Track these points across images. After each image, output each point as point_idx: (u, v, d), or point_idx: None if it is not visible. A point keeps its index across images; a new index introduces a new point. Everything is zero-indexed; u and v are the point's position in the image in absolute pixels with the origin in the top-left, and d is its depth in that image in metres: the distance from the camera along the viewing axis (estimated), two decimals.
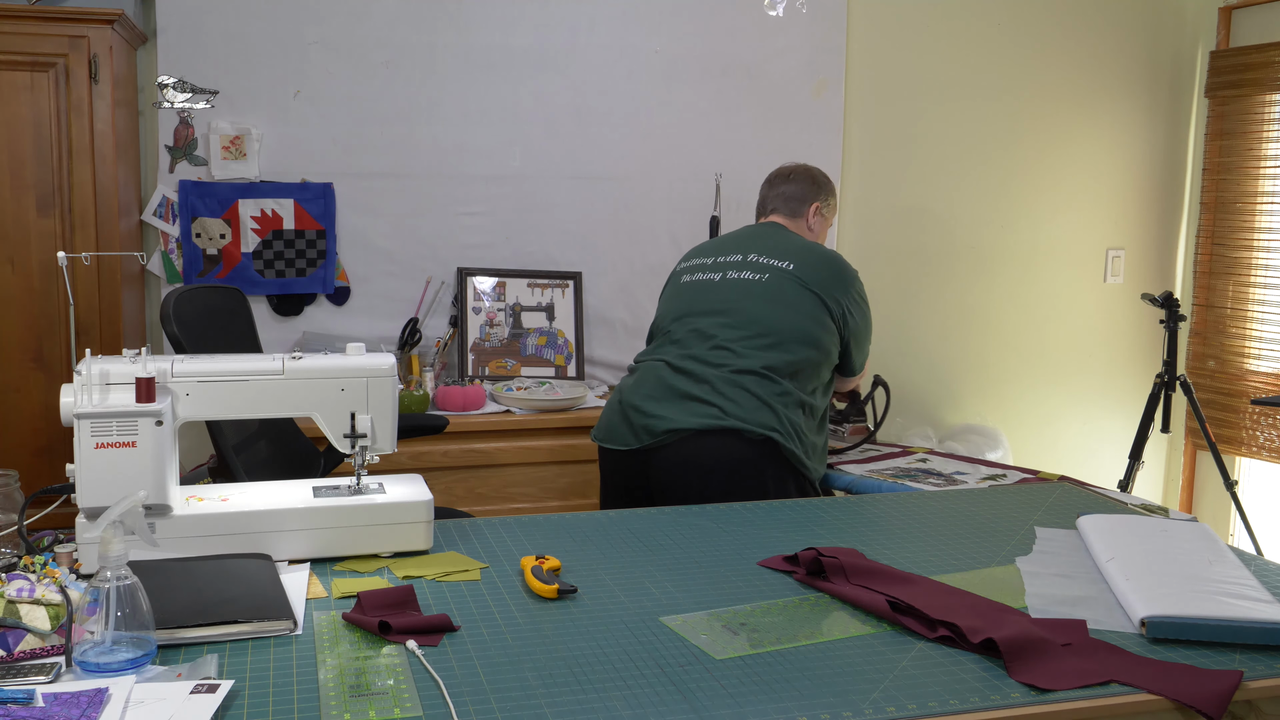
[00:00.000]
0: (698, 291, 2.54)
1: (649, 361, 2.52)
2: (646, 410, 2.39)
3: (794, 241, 2.56)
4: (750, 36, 3.67)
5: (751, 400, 2.34)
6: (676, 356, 2.45)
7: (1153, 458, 4.26)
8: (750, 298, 2.46)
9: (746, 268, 2.51)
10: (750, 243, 2.57)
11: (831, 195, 2.74)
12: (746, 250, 2.55)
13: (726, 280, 2.51)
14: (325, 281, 3.39)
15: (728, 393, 2.35)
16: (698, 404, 2.36)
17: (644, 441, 2.38)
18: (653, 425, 2.37)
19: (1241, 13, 4.01)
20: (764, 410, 2.34)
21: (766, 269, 2.49)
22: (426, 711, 1.19)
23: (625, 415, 2.45)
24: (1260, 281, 3.96)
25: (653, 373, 2.46)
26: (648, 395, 2.42)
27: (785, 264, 2.48)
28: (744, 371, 2.37)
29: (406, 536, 1.69)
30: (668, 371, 2.43)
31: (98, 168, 2.88)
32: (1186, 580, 1.54)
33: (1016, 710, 1.23)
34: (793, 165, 2.78)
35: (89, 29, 2.83)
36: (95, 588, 1.27)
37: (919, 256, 3.95)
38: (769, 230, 2.63)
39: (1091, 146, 4.09)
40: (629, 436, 2.42)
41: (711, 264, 2.58)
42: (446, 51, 3.43)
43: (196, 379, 1.65)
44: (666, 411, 2.37)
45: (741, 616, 1.48)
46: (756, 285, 2.47)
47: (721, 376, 2.37)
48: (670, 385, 2.40)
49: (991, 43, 3.93)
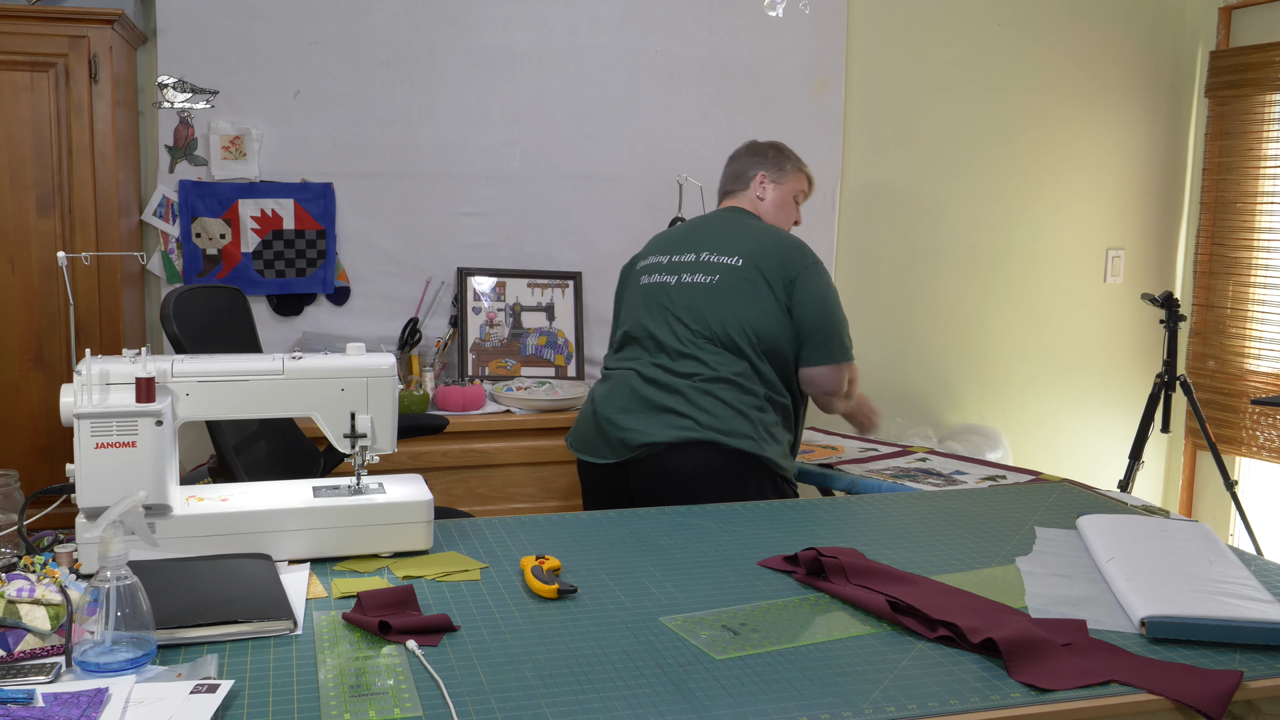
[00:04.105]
0: (655, 295, 2.49)
1: (620, 370, 2.49)
2: (620, 424, 2.37)
3: (746, 230, 2.49)
4: (750, 36, 3.67)
5: (725, 409, 2.32)
6: (646, 365, 2.42)
7: (1153, 458, 4.26)
8: (706, 301, 2.40)
9: (699, 269, 2.45)
10: (703, 238, 2.51)
11: (786, 162, 2.63)
12: (699, 248, 2.49)
13: (681, 284, 2.46)
14: (325, 281, 3.39)
15: (701, 402, 2.33)
16: (672, 415, 2.33)
17: (621, 455, 2.37)
18: (628, 439, 2.35)
19: (1241, 13, 4.01)
20: (739, 419, 2.32)
21: (717, 269, 2.43)
22: (426, 711, 1.19)
23: (600, 427, 2.43)
24: (1260, 281, 3.96)
25: (625, 383, 2.43)
26: (621, 407, 2.40)
27: (734, 260, 2.42)
28: (714, 380, 2.34)
29: (406, 536, 1.70)
30: (639, 382, 2.41)
31: (98, 168, 2.88)
32: (1186, 580, 1.54)
33: (1016, 710, 1.23)
34: (745, 143, 2.70)
35: (89, 29, 2.83)
36: (95, 588, 1.27)
37: (919, 256, 3.95)
38: (723, 220, 2.56)
39: (1091, 146, 4.09)
40: (605, 450, 2.41)
41: (667, 263, 2.52)
42: (446, 51, 3.43)
43: (196, 379, 1.65)
44: (640, 425, 2.35)
45: (741, 616, 1.48)
46: (709, 289, 2.41)
47: (693, 386, 2.34)
48: (643, 396, 2.38)
49: (991, 43, 3.93)
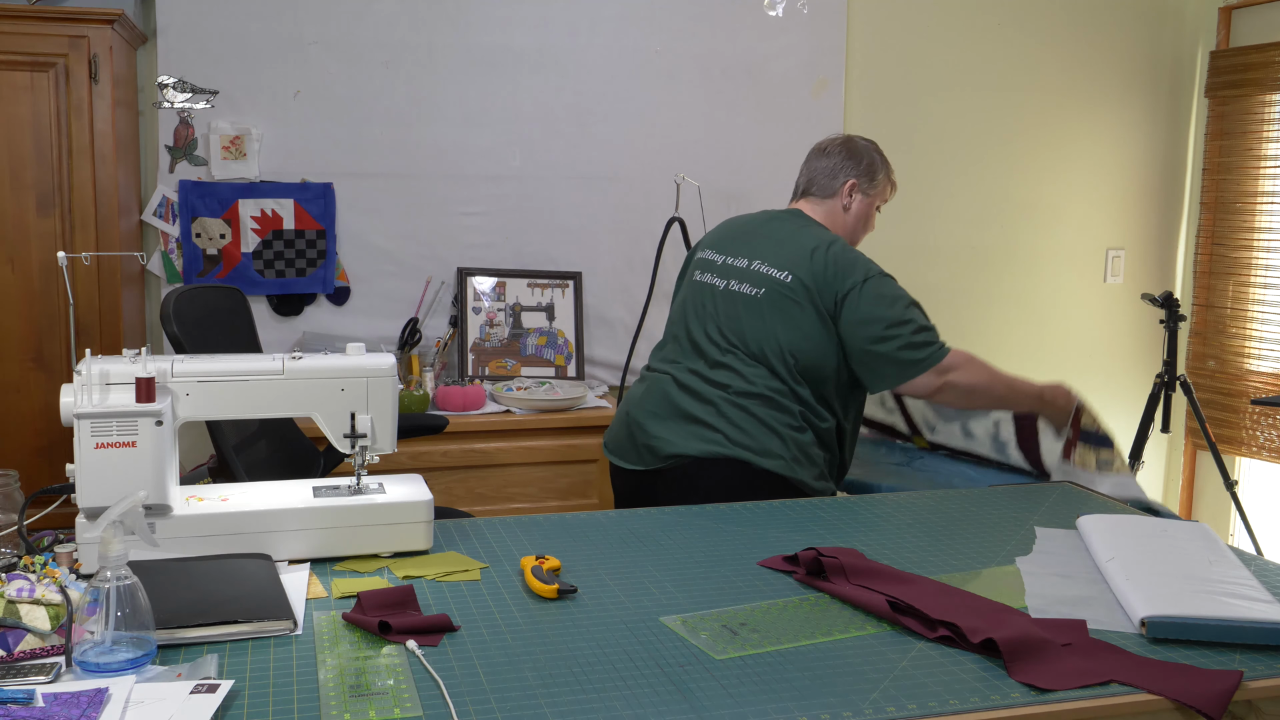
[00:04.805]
0: (703, 296, 2.43)
1: (657, 373, 2.45)
2: (650, 430, 2.35)
3: (806, 242, 2.35)
4: (750, 36, 3.67)
5: (758, 426, 2.26)
6: (683, 371, 2.38)
7: (1153, 458, 4.25)
8: (749, 314, 2.32)
9: (746, 279, 2.37)
10: (759, 244, 2.40)
11: (879, 172, 2.48)
12: (753, 254, 2.39)
13: (728, 291, 2.38)
14: (325, 281, 3.39)
15: (732, 416, 2.28)
16: (702, 428, 2.29)
17: (649, 464, 2.35)
18: (657, 447, 2.33)
19: (1241, 13, 4.01)
20: (771, 437, 2.26)
21: (764, 282, 2.33)
22: (426, 711, 1.19)
23: (630, 432, 2.41)
24: (1260, 281, 3.95)
25: (659, 387, 2.40)
26: (652, 413, 2.37)
27: (784, 275, 2.31)
28: (748, 395, 2.28)
29: (406, 536, 1.69)
30: (674, 388, 2.37)
31: (98, 168, 2.88)
32: (1186, 580, 1.54)
33: (1016, 710, 1.23)
34: (837, 137, 2.53)
35: (89, 29, 2.83)
36: (95, 588, 1.27)
37: (919, 256, 3.94)
38: (787, 227, 2.42)
39: (1091, 146, 4.09)
40: (634, 455, 2.39)
41: (720, 264, 2.44)
42: (446, 51, 3.43)
43: (196, 379, 1.65)
44: (670, 434, 2.32)
45: (741, 616, 1.48)
46: (754, 302, 2.33)
47: (725, 399, 2.29)
48: (675, 404, 2.35)
49: (991, 43, 3.93)
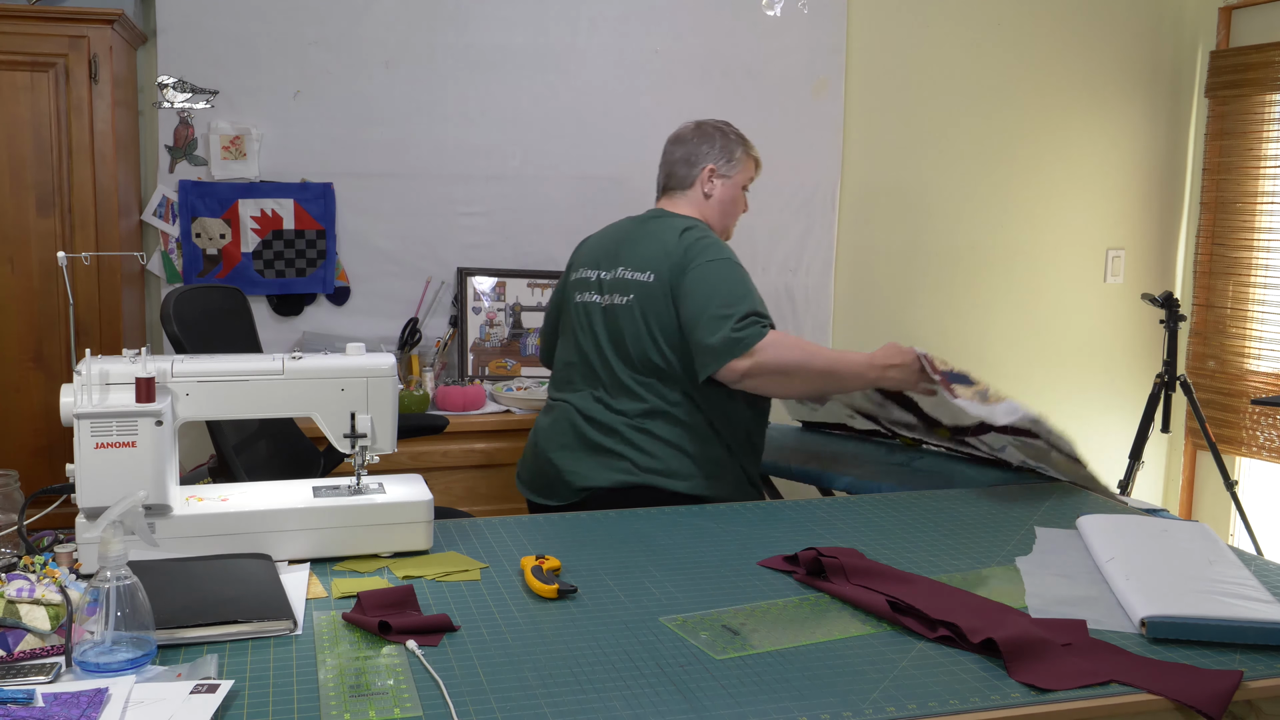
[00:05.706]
0: (589, 317, 2.37)
1: (561, 404, 2.40)
2: (561, 465, 2.31)
3: (663, 236, 2.30)
4: (750, 36, 3.67)
5: (663, 448, 2.24)
6: (586, 400, 2.34)
7: (1153, 458, 4.26)
8: (627, 325, 2.28)
9: (618, 289, 2.32)
10: (624, 250, 2.36)
11: (735, 148, 2.40)
12: (617, 263, 2.35)
13: (607, 307, 2.33)
14: (325, 281, 3.39)
15: (636, 441, 2.25)
16: (610, 457, 2.26)
17: (566, 499, 2.32)
18: (571, 481, 2.29)
19: (1241, 13, 4.01)
20: (679, 457, 2.24)
21: (631, 287, 2.29)
22: (426, 711, 1.19)
23: (541, 466, 2.37)
24: (1260, 281, 3.95)
25: (565, 418, 2.35)
26: (561, 446, 2.33)
27: (647, 275, 2.28)
28: (649, 415, 2.25)
29: (406, 536, 1.70)
30: (578, 417, 2.33)
31: (98, 168, 2.88)
32: (1186, 580, 1.54)
33: (1016, 710, 1.23)
34: (689, 124, 2.46)
35: (89, 29, 2.82)
36: (95, 588, 1.27)
37: (919, 256, 3.95)
38: (645, 226, 2.38)
39: (1091, 146, 4.09)
40: (548, 490, 2.36)
41: (595, 280, 2.38)
42: (446, 51, 3.43)
43: (196, 379, 1.65)
44: (579, 466, 2.29)
45: (741, 616, 1.48)
46: (627, 311, 2.29)
47: (628, 424, 2.26)
48: (581, 434, 2.31)
49: (991, 42, 3.93)
